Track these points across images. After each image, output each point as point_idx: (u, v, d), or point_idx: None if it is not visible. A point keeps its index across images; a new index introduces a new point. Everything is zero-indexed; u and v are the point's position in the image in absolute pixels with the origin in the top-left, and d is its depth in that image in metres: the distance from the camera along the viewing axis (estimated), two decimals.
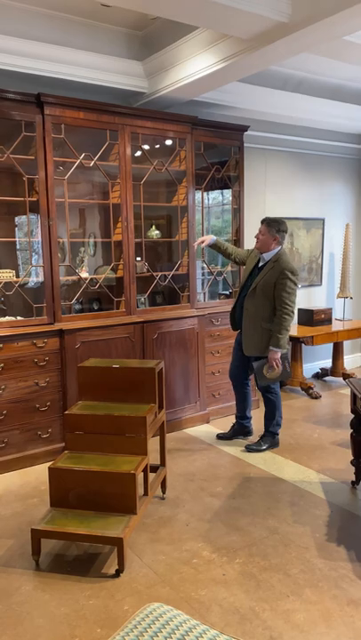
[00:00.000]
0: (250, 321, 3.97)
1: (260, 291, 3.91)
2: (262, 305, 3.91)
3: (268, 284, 3.87)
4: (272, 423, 4.20)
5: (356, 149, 6.48)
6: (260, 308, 3.91)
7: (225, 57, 3.71)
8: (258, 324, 3.93)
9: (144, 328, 4.38)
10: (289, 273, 3.85)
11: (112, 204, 4.29)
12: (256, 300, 3.93)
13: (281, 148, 5.77)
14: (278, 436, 4.27)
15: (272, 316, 3.91)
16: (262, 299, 3.91)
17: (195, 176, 4.68)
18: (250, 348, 4.00)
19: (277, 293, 3.85)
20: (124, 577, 2.61)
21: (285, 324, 3.85)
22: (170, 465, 3.83)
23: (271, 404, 4.17)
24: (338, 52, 3.74)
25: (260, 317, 3.92)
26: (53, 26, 3.93)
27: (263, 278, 3.92)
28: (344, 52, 3.72)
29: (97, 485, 2.80)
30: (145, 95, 4.54)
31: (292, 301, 3.87)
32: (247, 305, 3.97)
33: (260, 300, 3.91)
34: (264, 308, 3.91)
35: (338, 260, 6.39)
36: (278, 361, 3.89)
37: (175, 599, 2.44)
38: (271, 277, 3.88)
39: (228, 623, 2.28)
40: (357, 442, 3.46)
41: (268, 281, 3.88)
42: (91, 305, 4.52)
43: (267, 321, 3.92)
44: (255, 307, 3.93)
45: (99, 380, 3.22)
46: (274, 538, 2.94)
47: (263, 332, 3.93)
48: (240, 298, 4.10)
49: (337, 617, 2.30)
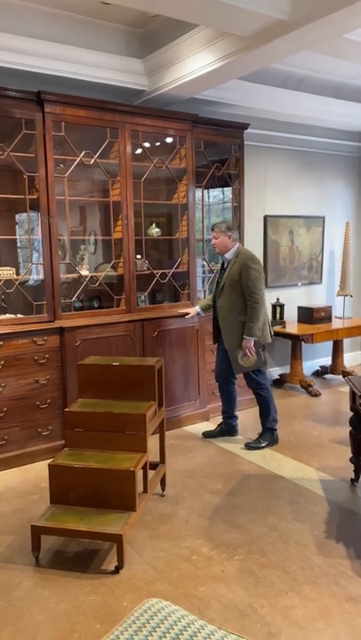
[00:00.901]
0: (226, 317, 4.06)
1: (228, 287, 4.03)
2: (233, 300, 4.01)
3: (234, 277, 3.99)
4: (268, 419, 4.24)
5: (356, 147, 6.47)
6: (232, 303, 4.02)
7: (225, 55, 3.71)
8: (233, 319, 4.03)
9: (144, 326, 4.38)
10: (250, 262, 3.97)
11: (112, 202, 4.30)
12: (227, 296, 4.04)
13: (282, 145, 5.77)
14: (277, 432, 4.29)
15: (244, 309, 4.01)
16: (232, 294, 4.01)
17: (195, 174, 4.69)
18: (230, 342, 4.07)
19: (244, 284, 3.96)
20: (123, 573, 2.63)
21: (256, 313, 3.94)
22: (170, 462, 3.84)
23: (264, 400, 4.22)
24: (339, 49, 3.75)
25: (235, 312, 4.01)
26: (54, 24, 3.93)
27: (229, 275, 4.03)
28: (345, 49, 3.72)
29: (97, 482, 2.81)
30: (145, 93, 4.54)
31: (259, 289, 3.95)
32: (221, 303, 4.07)
33: (230, 296, 4.02)
34: (236, 302, 4.01)
35: (338, 258, 6.39)
36: (252, 349, 3.99)
37: (174, 595, 2.45)
38: (235, 271, 3.99)
39: (227, 619, 2.29)
40: (356, 439, 3.47)
41: (233, 275, 4.00)
42: (91, 303, 4.53)
43: (241, 314, 4.01)
44: (228, 302, 4.04)
45: (99, 378, 3.23)
46: (273, 535, 2.95)
47: (240, 326, 4.02)
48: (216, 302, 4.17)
49: (335, 614, 2.31)
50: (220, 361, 4.33)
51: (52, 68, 3.96)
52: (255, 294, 3.93)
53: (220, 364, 4.34)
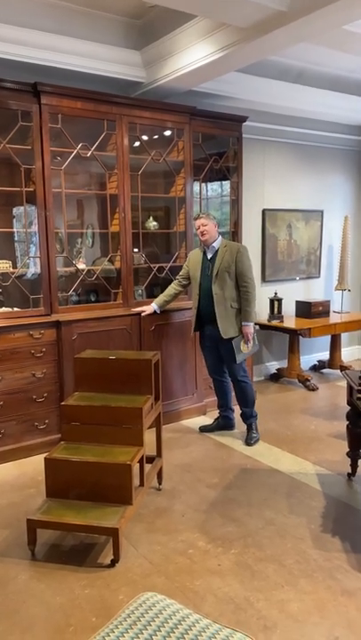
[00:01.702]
0: (221, 304, 4.06)
1: (223, 273, 4.05)
2: (228, 286, 4.06)
3: (229, 265, 4.05)
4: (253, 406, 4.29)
5: (355, 141, 6.44)
6: (227, 289, 4.06)
7: (223, 46, 3.68)
8: (228, 306, 4.07)
9: (141, 320, 4.37)
10: (242, 250, 4.11)
11: (109, 195, 4.27)
12: (222, 283, 4.06)
13: (280, 139, 5.74)
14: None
15: (237, 296, 4.09)
16: (227, 280, 4.06)
17: (193, 167, 4.66)
18: (227, 329, 4.07)
19: (238, 271, 4.05)
20: (119, 567, 2.62)
21: (251, 298, 4.07)
22: (167, 456, 3.84)
23: (249, 388, 4.27)
24: (338, 41, 3.72)
25: (229, 299, 4.07)
26: (51, 14, 3.89)
27: (222, 263, 4.06)
28: (344, 41, 3.69)
29: (93, 476, 2.81)
30: (143, 85, 4.51)
31: (252, 275, 4.11)
32: (215, 290, 4.06)
33: (225, 283, 4.06)
34: (230, 289, 4.06)
35: (336, 252, 6.37)
36: (252, 334, 4.10)
37: (170, 589, 2.45)
38: (230, 258, 4.05)
39: (223, 613, 2.29)
40: (353, 434, 3.47)
41: (228, 263, 4.05)
42: (88, 296, 4.51)
43: (235, 301, 4.09)
44: (222, 289, 4.06)
45: (95, 372, 3.22)
46: (270, 529, 2.95)
47: (234, 312, 4.09)
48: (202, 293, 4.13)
49: (331, 607, 2.32)
50: (209, 354, 4.34)
51: (48, 59, 3.93)
52: (250, 280, 4.07)
53: (210, 357, 4.34)
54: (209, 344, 4.26)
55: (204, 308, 4.15)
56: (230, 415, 4.47)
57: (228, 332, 4.07)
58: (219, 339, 4.11)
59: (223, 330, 4.06)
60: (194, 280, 4.22)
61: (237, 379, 4.24)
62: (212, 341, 4.21)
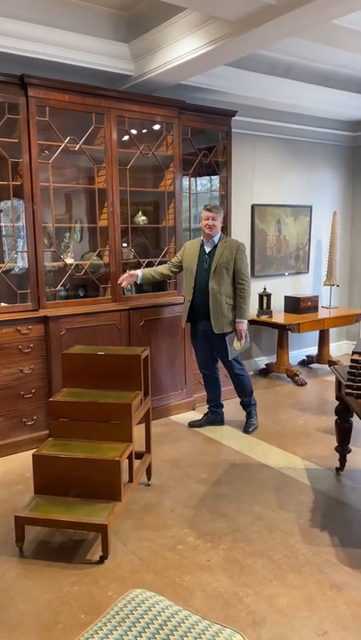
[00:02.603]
0: (216, 300, 4.06)
1: (221, 269, 4.06)
2: (225, 282, 4.08)
3: (228, 261, 4.07)
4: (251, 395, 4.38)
5: (344, 137, 6.45)
6: (223, 285, 4.08)
7: (212, 40, 3.65)
8: (223, 301, 4.08)
9: (130, 315, 4.35)
10: (242, 247, 4.14)
11: (98, 189, 4.23)
12: (219, 279, 4.06)
13: (270, 134, 5.73)
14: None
15: (233, 293, 4.11)
16: (225, 276, 4.07)
17: (182, 161, 4.63)
18: (220, 325, 4.08)
19: (237, 268, 4.09)
20: (108, 563, 2.61)
21: (247, 295, 4.12)
22: (156, 452, 3.83)
23: (246, 381, 4.34)
24: (327, 36, 3.70)
25: (225, 294, 4.08)
26: (38, 5, 3.83)
27: (221, 258, 4.06)
28: (333, 36, 3.68)
29: (81, 472, 2.79)
30: (131, 78, 4.47)
31: (249, 274, 4.18)
32: (212, 285, 4.06)
33: (222, 279, 4.07)
34: (226, 285, 4.08)
35: (325, 247, 6.39)
36: (246, 331, 4.15)
37: (159, 585, 2.45)
38: (229, 254, 4.07)
39: (212, 608, 2.29)
40: (342, 428, 3.48)
41: (227, 259, 4.07)
42: (76, 291, 4.48)
43: (230, 297, 4.11)
44: (219, 285, 4.07)
45: (84, 367, 3.19)
46: (259, 524, 2.96)
47: (228, 309, 4.10)
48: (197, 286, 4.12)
49: (319, 601, 2.33)
50: (200, 348, 4.33)
51: (35, 50, 3.87)
52: (248, 278, 4.12)
53: (201, 352, 4.34)
54: (201, 338, 4.25)
55: (198, 302, 4.13)
56: (219, 410, 4.48)
57: (222, 328, 4.07)
58: (211, 334, 4.11)
59: (216, 325, 4.06)
60: (188, 272, 4.18)
61: (235, 372, 4.27)
62: (204, 336, 4.20)
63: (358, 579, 2.47)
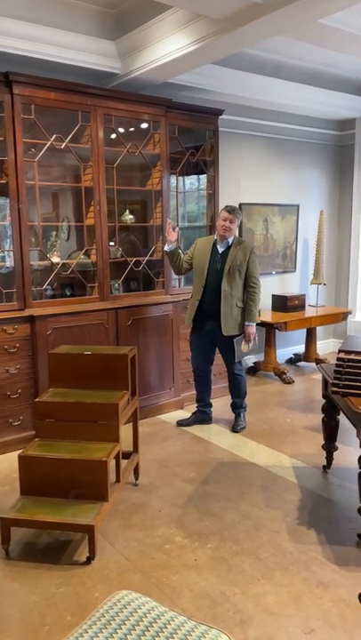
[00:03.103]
0: (228, 303, 4.07)
1: (235, 271, 4.07)
2: (237, 285, 4.10)
3: (241, 264, 4.08)
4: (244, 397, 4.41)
5: (331, 136, 6.48)
6: (235, 288, 4.09)
7: (199, 38, 3.64)
8: (234, 304, 4.10)
9: (118, 314, 4.33)
10: (255, 251, 4.22)
11: (84, 188, 4.21)
12: (231, 281, 4.07)
13: (257, 133, 5.73)
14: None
15: (242, 295, 4.14)
16: (237, 279, 4.09)
17: (169, 160, 4.62)
18: (230, 328, 4.09)
19: (250, 271, 4.12)
20: (95, 564, 2.60)
21: (258, 299, 4.18)
22: (144, 451, 3.82)
23: (243, 382, 4.38)
24: (313, 35, 3.70)
25: (236, 297, 4.10)
26: (23, 2, 3.79)
27: (235, 260, 4.06)
28: (320, 35, 3.69)
29: (68, 473, 2.77)
30: (118, 76, 4.44)
31: (259, 277, 4.22)
32: (224, 287, 4.05)
33: (235, 281, 4.08)
34: (238, 287, 4.10)
35: (312, 246, 6.41)
36: (254, 334, 4.19)
37: (147, 585, 2.44)
38: (243, 258, 4.09)
39: (199, 608, 2.29)
40: (328, 426, 3.50)
41: (240, 262, 4.08)
42: (63, 291, 4.45)
43: (240, 300, 4.13)
44: (231, 287, 4.07)
45: (70, 367, 3.17)
46: (246, 522, 2.96)
47: (238, 312, 4.13)
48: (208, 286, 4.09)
49: (306, 599, 2.34)
50: (199, 348, 4.30)
51: (20, 47, 3.82)
52: (259, 281, 4.18)
53: (199, 352, 4.31)
54: (204, 338, 4.24)
55: (207, 303, 4.11)
56: (208, 410, 4.49)
57: (230, 331, 4.09)
58: (218, 335, 4.12)
59: (226, 328, 4.07)
60: (199, 271, 4.16)
61: (234, 372, 4.30)
62: (209, 336, 4.20)
63: (344, 576, 2.49)
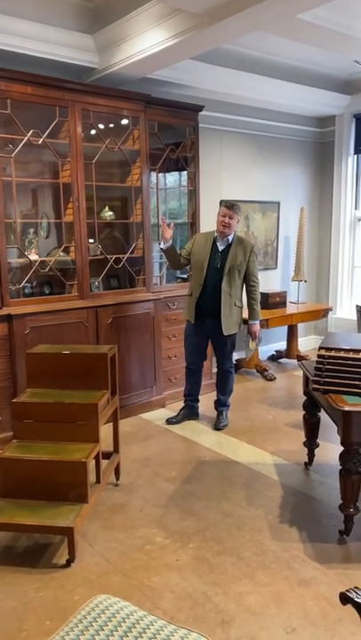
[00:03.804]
0: (227, 302, 4.06)
1: (235, 271, 4.05)
2: (236, 284, 4.09)
3: (241, 263, 4.06)
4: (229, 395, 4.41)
5: (312, 132, 6.49)
6: (234, 287, 4.09)
7: (178, 32, 3.60)
8: (233, 303, 4.10)
9: (98, 312, 4.27)
10: (255, 249, 4.17)
11: (62, 184, 4.14)
12: (231, 280, 4.06)
13: (237, 129, 5.71)
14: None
15: (241, 294, 4.14)
16: (236, 278, 4.07)
17: (149, 156, 4.57)
18: (229, 327, 4.09)
19: (250, 270, 4.11)
20: (75, 566, 2.56)
21: (259, 297, 4.22)
22: (125, 451, 3.78)
23: (232, 379, 4.38)
24: (292, 31, 3.70)
25: (235, 296, 4.10)
26: None
27: (235, 258, 4.04)
28: (298, 31, 3.68)
29: (47, 475, 2.72)
30: (96, 71, 4.38)
31: (258, 275, 4.21)
32: (224, 286, 4.04)
33: (234, 280, 4.07)
34: (237, 286, 4.10)
35: (293, 243, 6.42)
36: (259, 332, 4.28)
37: (127, 587, 2.41)
38: (243, 256, 4.06)
39: (180, 609, 2.26)
40: (310, 423, 3.50)
41: (237, 259, 4.05)
42: (42, 289, 4.38)
43: (239, 299, 4.13)
44: (230, 286, 4.06)
45: (48, 367, 3.12)
46: (228, 521, 2.95)
47: (237, 311, 4.15)
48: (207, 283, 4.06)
49: (288, 598, 2.33)
50: (194, 344, 4.28)
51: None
52: (258, 280, 4.17)
53: (194, 348, 4.29)
54: (200, 335, 4.22)
55: (206, 301, 4.09)
56: (196, 405, 4.49)
57: (230, 330, 4.10)
58: (217, 333, 4.10)
59: (226, 327, 4.07)
60: (197, 268, 4.12)
61: (225, 369, 4.30)
62: (205, 333, 4.19)
63: (326, 573, 2.48)
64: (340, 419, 2.62)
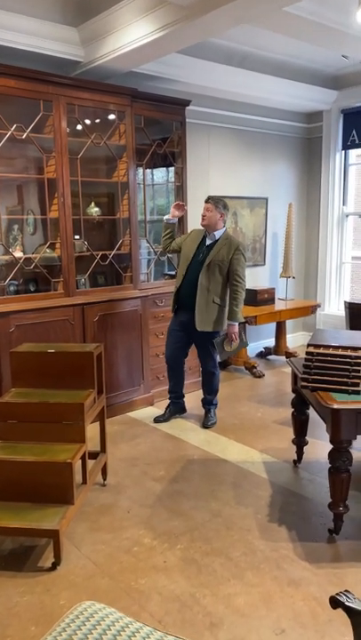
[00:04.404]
0: (203, 296, 3.99)
1: (215, 266, 3.98)
2: (215, 280, 3.99)
3: (224, 259, 3.97)
4: (216, 394, 4.35)
5: (300, 128, 6.46)
6: (214, 283, 3.99)
7: (163, 25, 3.54)
8: (210, 300, 4.00)
9: (84, 310, 4.22)
10: (242, 249, 4.02)
11: (47, 179, 4.07)
12: (210, 275, 3.98)
13: (225, 124, 5.66)
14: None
15: (223, 293, 4.02)
16: (216, 274, 3.98)
17: (136, 151, 4.51)
18: (203, 323, 4.01)
19: (232, 268, 3.97)
20: (61, 570, 2.51)
21: (241, 298, 4.02)
22: (112, 450, 3.74)
23: (216, 379, 4.30)
24: (280, 24, 3.66)
25: (213, 292, 3.99)
26: None
27: (218, 254, 3.98)
28: (285, 24, 3.65)
29: (32, 476, 2.67)
30: (81, 64, 4.30)
31: (245, 276, 4.04)
32: (201, 280, 3.98)
33: (213, 276, 3.99)
34: (216, 283, 3.99)
35: (281, 239, 6.40)
36: (237, 334, 4.07)
37: (114, 590, 2.37)
38: (226, 253, 3.97)
39: (168, 612, 2.23)
40: (298, 421, 3.48)
41: (223, 257, 3.97)
42: (27, 286, 4.31)
43: (218, 296, 4.01)
44: (208, 281, 3.99)
45: (33, 366, 3.06)
46: (216, 521, 2.91)
47: (215, 308, 4.01)
48: (188, 276, 4.05)
49: (277, 598, 2.30)
50: (173, 339, 4.23)
51: None
52: (243, 280, 4.00)
53: (173, 343, 4.24)
54: (178, 329, 4.17)
55: (184, 292, 4.07)
56: (181, 401, 4.45)
57: (203, 326, 4.01)
58: (192, 329, 4.05)
59: (199, 322, 4.00)
60: (183, 259, 4.12)
61: (208, 369, 4.25)
62: (183, 328, 4.13)
63: (315, 573, 2.46)
64: (329, 417, 2.59)
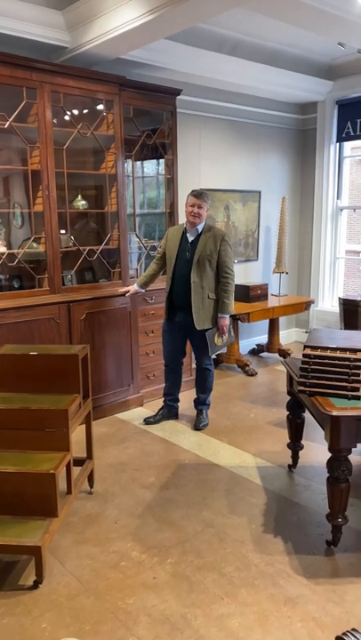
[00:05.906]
0: (198, 294, 3.86)
1: (203, 261, 3.84)
2: (207, 275, 3.86)
3: (211, 253, 3.84)
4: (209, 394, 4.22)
5: (293, 119, 6.30)
6: (206, 278, 3.87)
7: (152, 8, 3.35)
8: (205, 296, 3.88)
9: (70, 308, 4.04)
10: (227, 238, 3.90)
11: (31, 171, 3.88)
12: (201, 271, 3.85)
13: (217, 115, 5.48)
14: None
15: (215, 286, 3.91)
16: (207, 269, 3.85)
17: (124, 142, 4.32)
18: (202, 321, 3.89)
19: (221, 261, 3.86)
20: (43, 588, 2.36)
21: (232, 290, 3.91)
22: (100, 454, 3.58)
23: (210, 376, 4.18)
24: (274, 9, 3.48)
25: (207, 288, 3.88)
26: None
27: (205, 249, 3.84)
28: (279, 9, 3.47)
29: (13, 487, 2.51)
30: (67, 50, 4.10)
31: (233, 266, 3.94)
32: (193, 278, 3.84)
33: (205, 271, 3.86)
34: (208, 278, 3.87)
35: (274, 234, 6.25)
36: (228, 327, 3.95)
37: (100, 610, 2.22)
38: (213, 246, 3.84)
39: (158, 635, 2.08)
40: (294, 424, 3.34)
41: (211, 250, 3.84)
42: (10, 283, 4.12)
43: (212, 291, 3.90)
44: (201, 278, 3.85)
45: (14, 369, 2.88)
46: (208, 532, 2.77)
47: (211, 304, 3.91)
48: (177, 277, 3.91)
49: (274, 619, 2.16)
50: (171, 341, 4.10)
51: None
52: (231, 271, 3.90)
53: (171, 345, 4.11)
54: (175, 330, 4.03)
55: (177, 295, 3.91)
56: (176, 405, 4.32)
57: (203, 324, 3.88)
58: (190, 328, 3.90)
59: (198, 321, 3.86)
60: (169, 261, 3.96)
61: (203, 366, 4.12)
62: (181, 329, 3.99)
63: (314, 590, 2.33)
64: (328, 424, 2.45)
